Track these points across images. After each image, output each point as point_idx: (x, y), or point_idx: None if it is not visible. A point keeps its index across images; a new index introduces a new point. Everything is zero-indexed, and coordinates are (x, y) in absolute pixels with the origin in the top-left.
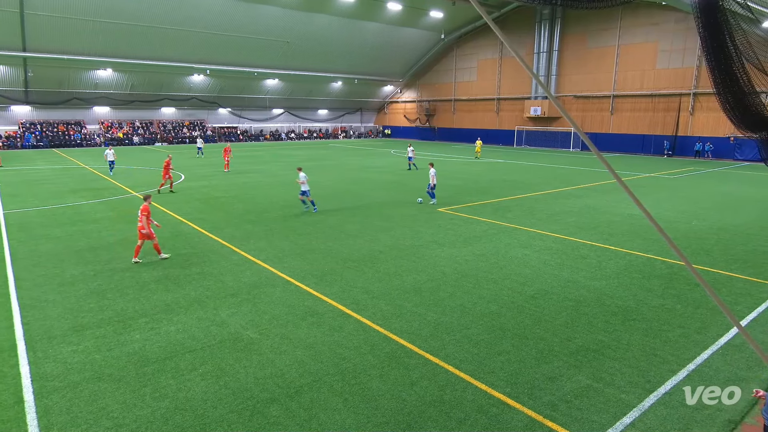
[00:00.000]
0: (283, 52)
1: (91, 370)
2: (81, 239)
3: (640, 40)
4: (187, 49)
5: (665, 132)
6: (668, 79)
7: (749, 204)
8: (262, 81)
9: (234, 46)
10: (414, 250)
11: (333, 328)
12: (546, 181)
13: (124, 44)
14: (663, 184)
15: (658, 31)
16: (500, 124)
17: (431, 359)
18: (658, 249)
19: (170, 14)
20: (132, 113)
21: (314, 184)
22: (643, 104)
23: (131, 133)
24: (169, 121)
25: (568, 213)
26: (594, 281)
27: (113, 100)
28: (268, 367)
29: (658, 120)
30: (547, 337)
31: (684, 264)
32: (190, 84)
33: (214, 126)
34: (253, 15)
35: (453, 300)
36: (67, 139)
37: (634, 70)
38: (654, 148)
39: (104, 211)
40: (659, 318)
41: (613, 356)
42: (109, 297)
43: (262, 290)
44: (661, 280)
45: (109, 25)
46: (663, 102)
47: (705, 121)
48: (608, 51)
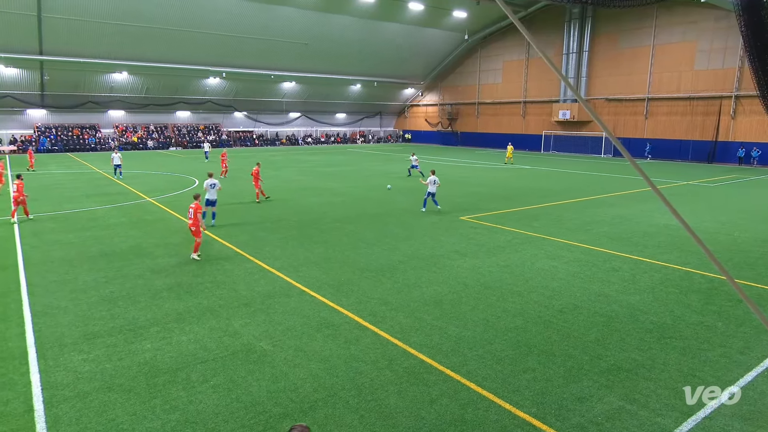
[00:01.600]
0: (300, 54)
1: (101, 379)
2: (94, 245)
3: (676, 40)
4: (203, 51)
5: (704, 137)
6: (707, 80)
7: None
8: (278, 84)
9: (250, 49)
10: (435, 260)
11: (349, 341)
12: (575, 188)
13: (140, 47)
14: (702, 193)
15: (696, 29)
16: (527, 129)
17: (452, 376)
18: (697, 262)
19: (186, 16)
20: (147, 117)
21: (331, 190)
22: (680, 108)
23: (146, 138)
24: (183, 125)
25: (600, 222)
26: (627, 295)
27: (128, 103)
28: (281, 380)
29: (696, 124)
30: (577, 355)
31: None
32: (205, 87)
33: (230, 130)
34: (269, 16)
35: (475, 313)
36: (81, 143)
37: (670, 71)
38: (692, 154)
39: (117, 216)
40: (698, 336)
41: (648, 376)
42: (120, 305)
43: (276, 300)
44: (701, 296)
45: (125, 27)
46: (702, 105)
47: (748, 126)
48: (642, 51)
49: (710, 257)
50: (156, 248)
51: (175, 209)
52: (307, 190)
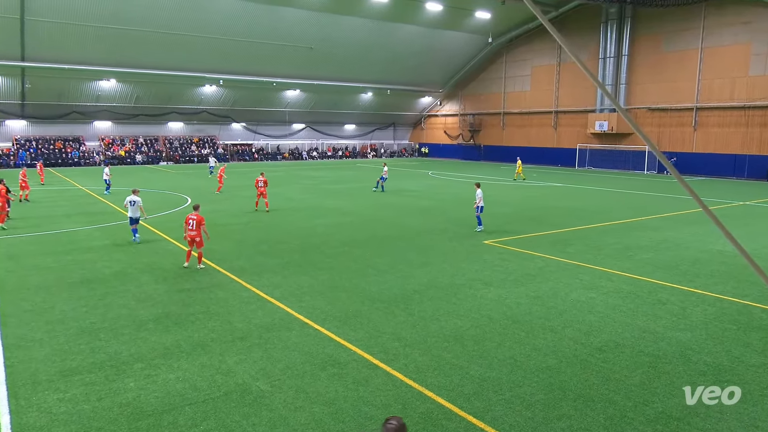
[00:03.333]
0: (305, 59)
1: (78, 422)
2: (74, 270)
3: (728, 43)
4: (198, 57)
5: (762, 152)
6: (764, 87)
7: None
8: (281, 92)
9: (250, 54)
10: (455, 290)
11: (358, 382)
12: (615, 209)
13: (130, 52)
14: (761, 214)
15: (749, 31)
16: (558, 142)
17: (475, 423)
18: (757, 294)
19: (180, 19)
20: (135, 128)
21: (338, 210)
22: (734, 118)
23: (134, 151)
24: (176, 138)
25: (643, 248)
26: (676, 332)
27: (116, 113)
28: (280, 425)
29: (753, 136)
30: (618, 400)
31: None
32: (200, 96)
33: (226, 143)
34: (271, 18)
35: (501, 351)
36: (64, 157)
37: (721, 77)
38: (749, 170)
39: (101, 238)
40: (761, 380)
41: (703, 427)
42: (102, 337)
43: (275, 334)
44: (763, 333)
45: (114, 31)
46: (759, 115)
47: None
48: (689, 55)
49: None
50: (142, 274)
51: (164, 230)
52: (311, 210)
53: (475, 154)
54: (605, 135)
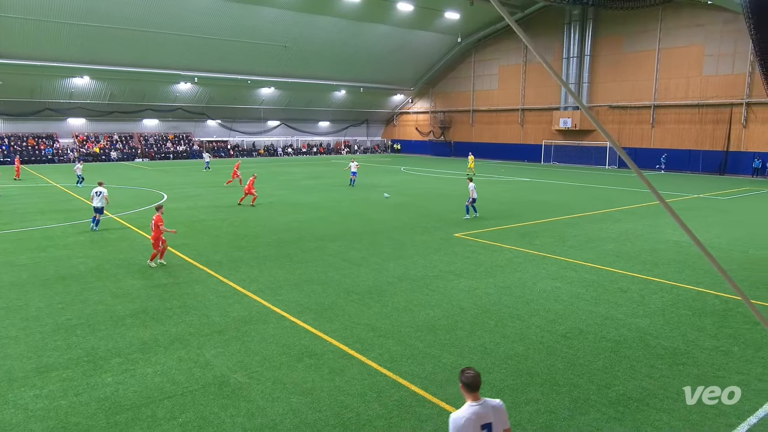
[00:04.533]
0: (280, 57)
1: (55, 418)
2: (49, 267)
3: (683, 44)
4: (173, 54)
5: (715, 147)
6: (717, 87)
7: None
8: (255, 90)
9: (225, 52)
10: (427, 282)
11: (333, 372)
12: (579, 202)
13: (104, 49)
14: (714, 207)
15: (703, 33)
16: (525, 138)
17: (447, 408)
18: (711, 281)
19: (154, 16)
20: (110, 126)
21: (313, 205)
22: (688, 115)
23: (109, 148)
24: (151, 135)
25: (605, 239)
26: (636, 318)
27: (90, 111)
28: (258, 416)
29: (706, 133)
30: (583, 384)
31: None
32: (175, 93)
33: (201, 140)
34: (246, 16)
35: (472, 339)
36: (37, 154)
37: (677, 77)
38: (703, 164)
39: (76, 235)
40: (713, 362)
41: (660, 407)
42: (78, 333)
43: (252, 327)
44: (715, 318)
45: (87, 28)
46: (711, 113)
47: (761, 135)
48: (647, 56)
49: (725, 276)
50: (119, 270)
51: (140, 227)
52: (287, 206)
53: (446, 150)
54: (569, 132)
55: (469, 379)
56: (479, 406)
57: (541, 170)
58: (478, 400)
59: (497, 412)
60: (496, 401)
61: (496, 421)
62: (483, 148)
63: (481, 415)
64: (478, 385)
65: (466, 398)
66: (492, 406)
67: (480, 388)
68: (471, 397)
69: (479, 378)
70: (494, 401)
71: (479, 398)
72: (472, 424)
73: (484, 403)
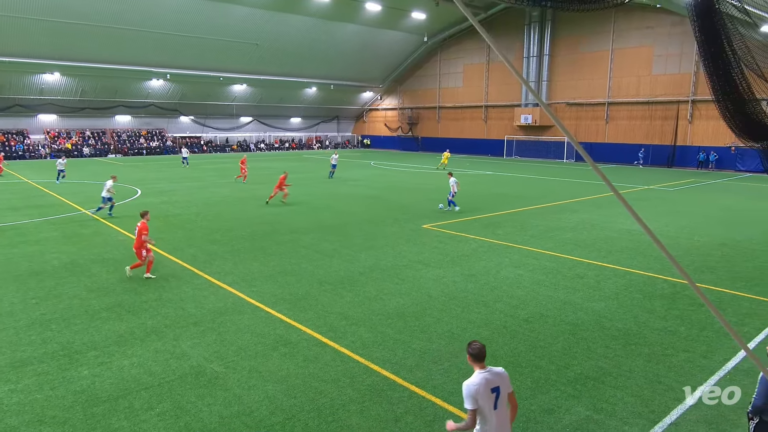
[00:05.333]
0: (251, 55)
1: (31, 411)
2: (22, 263)
3: (634, 45)
4: (145, 51)
5: (663, 141)
6: (665, 85)
7: (753, 218)
8: (228, 87)
9: (197, 49)
10: (397, 271)
11: (308, 359)
12: (539, 194)
13: (74, 46)
14: (663, 197)
15: (653, 35)
16: (489, 134)
17: (417, 391)
18: (660, 267)
19: (126, 13)
20: (82, 122)
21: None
22: (639, 112)
23: (81, 144)
24: (123, 131)
25: (564, 229)
26: (592, 302)
27: (61, 107)
28: (234, 404)
29: (655, 128)
30: (543, 365)
31: (687, 283)
32: (147, 90)
33: (175, 136)
34: (218, 15)
35: (440, 325)
36: (7, 150)
37: (629, 75)
38: (652, 158)
39: (49, 230)
40: (662, 341)
41: (615, 384)
42: (53, 328)
43: (228, 318)
44: (664, 301)
45: (57, 24)
46: (660, 110)
47: (705, 130)
48: (602, 56)
49: (672, 262)
50: (93, 264)
51: (114, 222)
52: (260, 200)
53: (414, 146)
54: (530, 127)
55: (476, 350)
56: (487, 373)
57: (503, 164)
58: (485, 368)
59: (502, 378)
60: (500, 369)
61: (502, 385)
62: (449, 143)
63: (490, 380)
64: (483, 356)
65: (474, 367)
66: (497, 372)
67: (485, 358)
68: (478, 366)
69: (484, 349)
70: (498, 369)
71: (485, 366)
72: (483, 388)
73: (490, 370)
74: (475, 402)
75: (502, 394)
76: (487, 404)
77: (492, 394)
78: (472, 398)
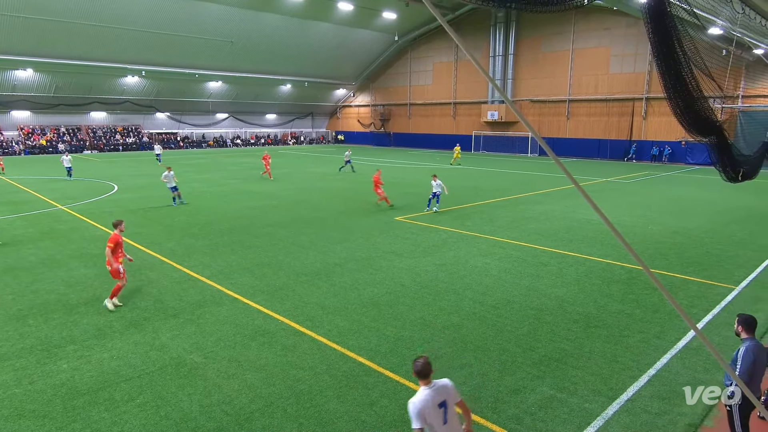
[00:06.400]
0: (226, 52)
1: (10, 406)
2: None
3: (593, 45)
4: (120, 48)
5: (620, 137)
6: (621, 83)
7: (701, 207)
8: (203, 83)
9: (172, 46)
10: (371, 262)
11: (286, 348)
12: (505, 187)
13: (47, 42)
14: (619, 189)
15: (610, 36)
16: (457, 129)
17: (391, 377)
18: (617, 254)
19: (100, 10)
20: (56, 118)
21: (264, 193)
22: (598, 109)
23: (56, 141)
24: (99, 127)
25: (528, 219)
26: (555, 288)
27: (34, 103)
28: (214, 393)
29: (613, 124)
30: (510, 348)
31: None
32: (123, 86)
33: (151, 132)
34: (193, 12)
35: (413, 313)
36: None
37: (588, 74)
38: (610, 152)
39: (25, 227)
40: (620, 324)
41: (576, 365)
42: (30, 323)
43: (206, 309)
44: (621, 286)
45: (29, 21)
46: (617, 106)
47: (658, 126)
48: (563, 55)
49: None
50: (71, 260)
51: (91, 217)
52: (237, 194)
53: (386, 141)
54: (496, 123)
55: (419, 366)
56: (432, 389)
57: (471, 158)
58: (430, 384)
59: (448, 391)
60: (445, 381)
61: (449, 398)
62: (419, 139)
63: (436, 396)
64: (428, 372)
65: (420, 384)
66: (442, 385)
67: (431, 374)
68: (423, 383)
69: (429, 366)
70: (442, 381)
71: (431, 382)
72: (430, 405)
73: (434, 386)
74: (423, 420)
75: (450, 407)
76: (436, 420)
77: (440, 409)
78: (419, 417)
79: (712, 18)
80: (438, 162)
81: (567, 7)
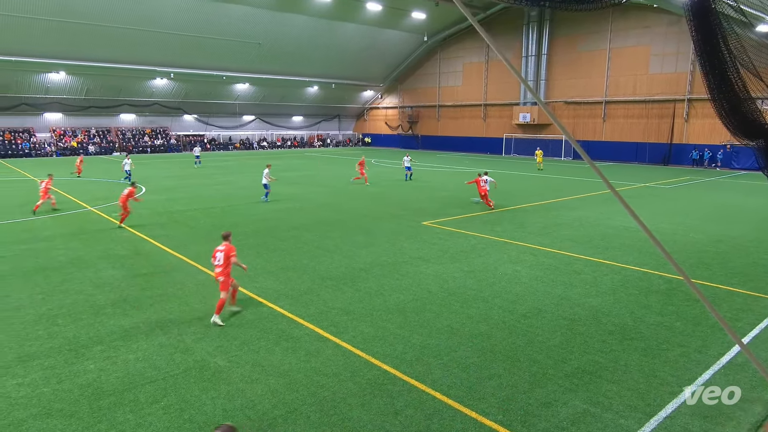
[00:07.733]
0: (254, 54)
1: (38, 405)
2: (29, 259)
3: (632, 44)
4: (149, 51)
5: (660, 140)
6: (662, 84)
7: (747, 215)
8: (231, 85)
9: (200, 48)
10: (397, 267)
11: (310, 354)
12: (537, 192)
13: (79, 45)
14: (659, 195)
15: (650, 34)
16: (487, 132)
17: (417, 385)
18: (656, 263)
19: (130, 13)
20: (87, 120)
21: (289, 196)
22: (636, 110)
23: (86, 142)
24: (128, 129)
25: (561, 226)
26: (589, 298)
27: (66, 105)
28: (237, 397)
29: (652, 127)
30: (541, 359)
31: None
32: (151, 89)
33: (179, 134)
34: (220, 14)
35: (439, 320)
36: (14, 148)
37: (626, 75)
38: (649, 156)
39: (55, 227)
40: (658, 336)
41: (611, 378)
42: (59, 323)
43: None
44: (660, 296)
45: (62, 24)
46: (657, 108)
47: (701, 129)
48: (599, 55)
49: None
50: (99, 260)
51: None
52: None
53: (414, 144)
54: (528, 125)
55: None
56: None
57: (502, 162)
58: None
59: None
60: None
61: None
62: (448, 142)
63: None
64: None
65: None
66: None
67: None
68: None
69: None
70: None
71: None
72: None
73: None
74: None
75: None
76: None
77: None
78: None
79: (761, 15)
80: (467, 166)
81: (604, 5)
